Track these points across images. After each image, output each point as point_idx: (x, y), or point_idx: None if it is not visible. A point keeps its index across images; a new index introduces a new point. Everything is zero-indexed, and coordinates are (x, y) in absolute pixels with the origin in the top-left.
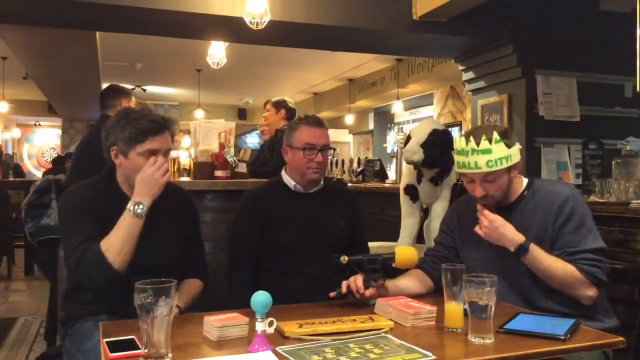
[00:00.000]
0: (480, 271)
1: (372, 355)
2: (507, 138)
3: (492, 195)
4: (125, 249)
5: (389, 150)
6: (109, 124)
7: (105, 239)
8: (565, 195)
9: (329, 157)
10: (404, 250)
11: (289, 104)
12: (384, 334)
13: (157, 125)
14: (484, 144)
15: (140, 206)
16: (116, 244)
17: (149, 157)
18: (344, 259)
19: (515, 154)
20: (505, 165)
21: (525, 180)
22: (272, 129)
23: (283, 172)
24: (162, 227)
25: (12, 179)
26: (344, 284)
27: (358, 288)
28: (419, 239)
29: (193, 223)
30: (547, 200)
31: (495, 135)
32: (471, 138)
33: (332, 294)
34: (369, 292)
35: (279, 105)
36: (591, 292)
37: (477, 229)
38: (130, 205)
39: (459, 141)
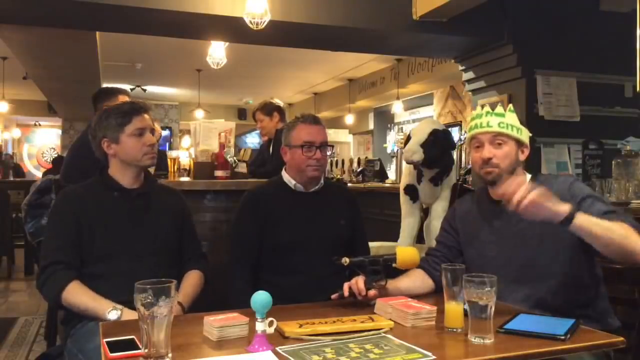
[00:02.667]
0: (484, 269)
1: (372, 355)
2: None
3: (497, 163)
4: (75, 307)
5: (389, 150)
6: (93, 123)
7: (76, 290)
8: (569, 182)
9: (329, 156)
10: (405, 251)
11: (277, 105)
12: (384, 334)
13: (137, 106)
14: (499, 109)
15: (114, 316)
16: (75, 302)
17: (138, 135)
18: (345, 260)
19: (525, 134)
20: (515, 133)
21: (529, 176)
22: (271, 132)
23: (283, 172)
24: (154, 216)
25: (12, 178)
26: (346, 286)
27: (360, 290)
28: (419, 239)
29: (184, 213)
30: (554, 191)
31: (510, 107)
32: (487, 105)
33: (333, 297)
34: (370, 293)
35: (269, 110)
36: None
37: (515, 200)
38: (106, 313)
39: (476, 110)
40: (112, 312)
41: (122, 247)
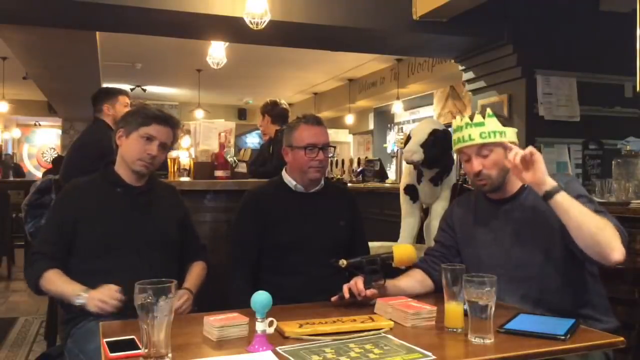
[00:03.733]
0: (481, 269)
1: (372, 355)
2: (501, 117)
3: (488, 173)
4: (52, 293)
5: (389, 150)
6: (125, 113)
7: (53, 277)
8: (567, 180)
9: (330, 157)
10: (402, 249)
11: (271, 107)
12: (384, 334)
13: (163, 116)
14: (477, 117)
15: (80, 300)
16: (50, 288)
17: (145, 141)
18: (343, 262)
19: (510, 133)
20: (498, 138)
21: None
22: (267, 131)
23: (283, 172)
24: (156, 213)
25: (12, 178)
26: (345, 288)
27: (359, 291)
28: (419, 239)
29: (185, 210)
30: None
31: (489, 111)
32: (465, 115)
33: (334, 299)
34: (370, 292)
35: (262, 111)
36: (622, 248)
37: (521, 152)
38: (74, 297)
39: (455, 120)
40: (79, 298)
41: (123, 243)
